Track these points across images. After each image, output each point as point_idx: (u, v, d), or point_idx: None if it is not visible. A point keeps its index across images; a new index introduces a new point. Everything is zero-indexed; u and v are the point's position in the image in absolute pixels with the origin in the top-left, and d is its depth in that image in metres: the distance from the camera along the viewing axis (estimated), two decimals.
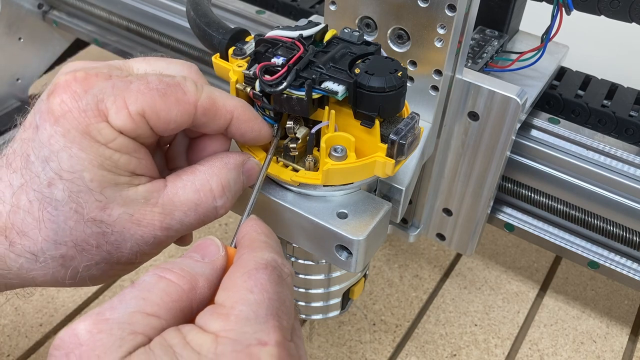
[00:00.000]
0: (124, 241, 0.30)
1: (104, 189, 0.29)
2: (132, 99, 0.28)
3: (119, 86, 0.28)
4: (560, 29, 0.45)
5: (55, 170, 0.28)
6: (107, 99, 0.28)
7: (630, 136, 0.47)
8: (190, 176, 0.32)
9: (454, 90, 0.40)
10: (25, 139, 0.29)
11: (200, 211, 0.32)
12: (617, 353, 0.57)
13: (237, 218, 0.68)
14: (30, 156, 0.29)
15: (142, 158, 0.30)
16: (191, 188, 0.31)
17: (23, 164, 0.29)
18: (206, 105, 0.30)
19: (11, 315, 0.58)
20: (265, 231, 0.30)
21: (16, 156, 0.29)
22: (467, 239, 0.49)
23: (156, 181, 0.31)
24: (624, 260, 0.50)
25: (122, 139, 0.29)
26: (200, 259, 0.28)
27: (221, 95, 0.31)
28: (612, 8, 0.42)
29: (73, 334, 0.23)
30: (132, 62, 0.33)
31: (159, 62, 0.33)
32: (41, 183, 0.28)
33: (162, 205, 0.31)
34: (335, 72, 0.32)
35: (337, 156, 0.33)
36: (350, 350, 0.56)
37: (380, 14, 0.38)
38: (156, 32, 0.66)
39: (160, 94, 0.29)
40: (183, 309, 0.26)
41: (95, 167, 0.28)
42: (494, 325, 0.59)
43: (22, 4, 0.76)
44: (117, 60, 0.33)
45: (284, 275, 0.27)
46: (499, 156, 0.43)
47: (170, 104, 0.29)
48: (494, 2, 0.50)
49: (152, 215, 0.30)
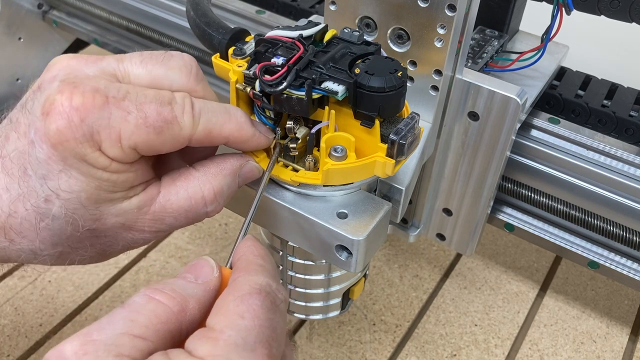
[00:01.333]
0: (116, 242, 0.32)
1: (99, 206, 0.30)
2: (127, 134, 0.28)
3: (115, 117, 0.28)
4: (560, 29, 0.45)
5: (53, 189, 0.28)
6: (102, 131, 0.28)
7: (630, 136, 0.47)
8: (183, 182, 0.32)
9: (454, 90, 0.40)
10: (22, 151, 0.29)
11: (190, 216, 0.32)
12: (617, 353, 0.57)
13: (237, 218, 0.68)
14: (27, 170, 0.29)
15: (138, 169, 0.30)
16: (183, 195, 0.31)
17: (20, 175, 0.29)
18: (201, 137, 0.31)
19: (11, 315, 0.58)
20: (262, 254, 0.30)
21: (13, 164, 0.29)
22: (467, 239, 0.49)
23: (150, 189, 0.31)
24: (624, 260, 0.50)
25: (116, 164, 0.29)
26: (193, 280, 0.28)
27: (218, 121, 0.31)
28: (612, 8, 0.42)
29: (60, 356, 0.23)
30: (128, 64, 0.31)
31: (156, 68, 0.31)
32: (38, 198, 0.29)
33: (153, 212, 0.31)
34: (335, 72, 0.32)
35: (337, 156, 0.33)
36: (350, 350, 0.56)
37: (380, 14, 0.38)
38: (156, 32, 0.66)
39: (157, 132, 0.29)
40: (172, 331, 0.25)
41: (92, 189, 0.29)
42: (494, 325, 0.59)
43: (22, 4, 0.76)
44: (112, 59, 0.31)
45: (277, 302, 0.27)
46: (499, 156, 0.43)
47: (165, 139, 0.29)
48: (494, 2, 0.50)
49: (143, 222, 0.31)
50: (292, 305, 0.45)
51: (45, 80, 0.30)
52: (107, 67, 0.30)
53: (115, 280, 0.62)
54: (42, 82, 0.30)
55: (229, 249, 0.65)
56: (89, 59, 0.31)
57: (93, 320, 0.57)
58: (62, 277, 0.61)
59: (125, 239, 0.32)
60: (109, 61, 0.31)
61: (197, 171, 0.32)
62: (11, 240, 0.30)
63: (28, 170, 0.29)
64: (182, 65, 0.32)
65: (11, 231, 0.29)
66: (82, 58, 0.31)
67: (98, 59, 0.31)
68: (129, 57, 0.31)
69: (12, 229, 0.29)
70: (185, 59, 0.32)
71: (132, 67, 0.31)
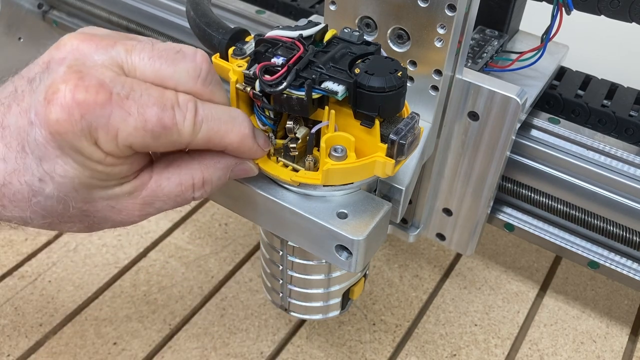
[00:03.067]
0: (104, 221, 0.33)
1: (92, 191, 0.30)
2: (124, 134, 0.28)
3: (115, 117, 0.28)
4: (560, 29, 0.45)
5: (48, 172, 0.29)
6: (101, 128, 0.28)
7: (630, 136, 0.47)
8: (176, 169, 0.32)
9: (454, 90, 0.40)
10: (21, 128, 0.29)
11: (179, 200, 0.33)
12: (617, 353, 0.57)
13: (237, 218, 0.68)
14: (25, 147, 0.29)
15: (133, 161, 0.31)
16: (175, 181, 0.32)
17: (19, 150, 0.29)
18: (200, 144, 0.31)
19: (11, 315, 0.58)
20: None
21: (12, 138, 0.29)
22: (467, 239, 0.49)
23: (142, 175, 0.32)
24: (624, 260, 0.50)
25: (111, 158, 0.29)
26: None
27: (220, 130, 0.31)
28: (612, 8, 0.42)
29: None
30: (137, 58, 0.30)
31: (164, 67, 0.30)
32: (33, 176, 0.29)
33: (144, 197, 0.32)
34: (335, 72, 0.32)
35: (337, 156, 0.33)
36: (350, 350, 0.56)
37: (380, 14, 0.38)
38: (156, 32, 0.66)
39: (154, 137, 0.29)
40: None
41: (86, 177, 0.29)
42: (494, 325, 0.59)
43: (22, 4, 0.76)
44: (122, 48, 0.30)
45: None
46: (499, 156, 0.43)
47: (162, 143, 0.29)
48: (494, 2, 0.50)
49: (132, 206, 0.32)
50: (292, 305, 0.45)
51: (54, 59, 0.30)
52: (116, 57, 0.30)
53: (115, 280, 0.62)
54: (50, 61, 0.30)
55: (229, 248, 0.65)
56: (100, 43, 0.30)
57: (93, 320, 0.58)
58: (62, 277, 0.61)
59: (114, 219, 0.32)
60: (118, 50, 0.30)
61: (191, 158, 0.32)
62: (3, 206, 0.31)
63: (26, 148, 0.29)
64: (192, 68, 0.31)
65: (4, 198, 0.30)
66: (93, 42, 0.30)
67: (109, 45, 0.30)
68: (139, 49, 0.30)
69: (6, 196, 0.30)
70: (197, 60, 0.31)
71: (140, 62, 0.30)
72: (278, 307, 0.46)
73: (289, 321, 0.59)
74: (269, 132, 0.35)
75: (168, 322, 0.58)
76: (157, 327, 0.58)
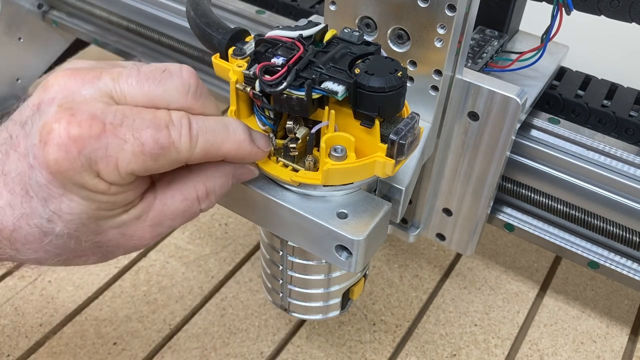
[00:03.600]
0: (117, 249, 0.33)
1: (100, 222, 0.30)
2: (125, 162, 0.28)
3: (112, 146, 0.28)
4: (560, 29, 0.45)
5: (55, 211, 0.29)
6: (100, 161, 0.28)
7: (630, 136, 0.47)
8: (178, 185, 0.32)
9: (454, 90, 0.40)
10: (22, 173, 0.29)
11: (187, 215, 0.33)
12: (617, 353, 0.57)
13: (237, 218, 0.68)
14: (29, 191, 0.29)
15: (136, 186, 0.31)
16: (179, 197, 0.32)
17: (23, 195, 0.29)
18: (199, 157, 0.31)
19: (11, 315, 0.58)
20: None
21: (15, 184, 0.29)
22: (467, 239, 0.49)
23: (146, 197, 0.32)
24: (624, 260, 0.50)
25: (115, 187, 0.29)
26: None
27: (216, 141, 0.31)
28: (612, 8, 0.42)
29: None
30: (124, 84, 0.30)
31: (153, 89, 0.30)
32: (41, 218, 0.29)
33: (152, 219, 0.32)
34: (335, 72, 0.32)
35: (337, 156, 0.33)
36: (350, 350, 0.56)
37: (380, 14, 0.38)
38: (156, 32, 0.66)
39: (153, 158, 0.29)
40: None
41: (93, 210, 0.30)
42: (494, 325, 0.59)
43: (22, 4, 0.76)
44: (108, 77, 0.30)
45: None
46: (499, 156, 0.43)
47: (162, 164, 0.30)
48: (494, 2, 0.50)
49: (142, 229, 0.32)
50: (292, 305, 0.45)
51: (43, 101, 0.30)
52: (103, 88, 0.30)
53: (115, 280, 0.62)
54: (40, 102, 0.30)
55: (229, 249, 0.65)
56: (86, 77, 0.30)
57: (93, 320, 0.58)
58: (62, 277, 0.61)
59: (126, 245, 0.32)
60: (105, 81, 0.30)
61: (191, 172, 0.32)
62: (17, 250, 0.31)
63: (29, 191, 0.29)
64: (180, 85, 0.31)
65: (17, 242, 0.30)
66: (79, 77, 0.30)
67: (95, 77, 0.30)
68: (125, 75, 0.30)
69: (18, 241, 0.30)
70: (184, 76, 0.31)
71: (129, 88, 0.30)
72: (278, 307, 0.46)
73: (289, 321, 0.59)
74: (269, 132, 0.35)
75: (168, 322, 0.58)
76: (157, 327, 0.58)
